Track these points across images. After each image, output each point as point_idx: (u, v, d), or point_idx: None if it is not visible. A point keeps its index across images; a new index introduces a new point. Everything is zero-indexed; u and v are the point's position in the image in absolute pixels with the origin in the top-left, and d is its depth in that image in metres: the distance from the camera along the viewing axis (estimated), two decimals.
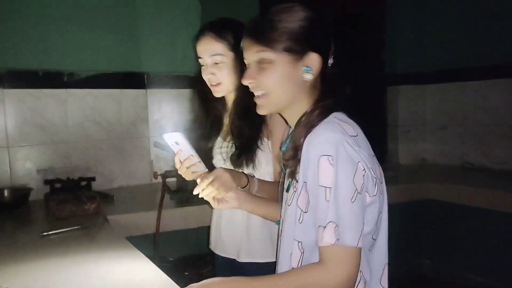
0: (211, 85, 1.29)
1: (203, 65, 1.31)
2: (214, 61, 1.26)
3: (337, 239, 0.78)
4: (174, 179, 2.09)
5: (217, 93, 1.31)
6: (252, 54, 0.90)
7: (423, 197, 2.52)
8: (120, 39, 2.40)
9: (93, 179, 2.16)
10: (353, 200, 0.80)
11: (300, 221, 0.87)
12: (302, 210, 0.87)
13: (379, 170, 0.90)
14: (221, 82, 1.27)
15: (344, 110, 0.91)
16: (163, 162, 2.50)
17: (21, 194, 1.97)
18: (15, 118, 2.13)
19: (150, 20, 2.48)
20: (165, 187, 2.01)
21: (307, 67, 0.88)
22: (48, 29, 2.20)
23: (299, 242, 0.88)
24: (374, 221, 0.87)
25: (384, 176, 0.92)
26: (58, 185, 2.03)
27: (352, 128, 0.86)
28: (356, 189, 0.80)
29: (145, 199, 2.24)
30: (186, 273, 2.10)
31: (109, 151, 2.40)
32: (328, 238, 0.79)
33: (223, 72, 1.26)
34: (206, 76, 1.29)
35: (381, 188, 0.90)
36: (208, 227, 1.57)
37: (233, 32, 1.25)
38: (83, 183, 2.10)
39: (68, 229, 1.59)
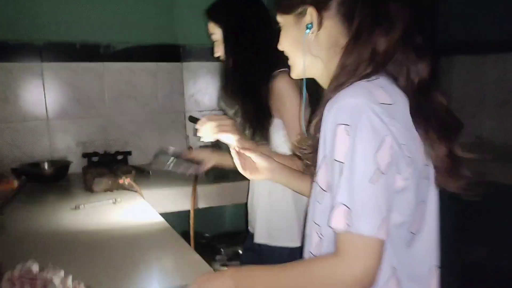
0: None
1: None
2: (214, 39, 1.39)
3: (348, 225, 0.65)
4: None
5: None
6: None
7: (481, 178, 2.30)
8: (156, 10, 2.33)
9: (129, 153, 2.15)
10: (372, 181, 0.65)
11: (319, 202, 0.76)
12: (321, 188, 0.75)
13: (421, 149, 0.74)
14: (220, 56, 1.39)
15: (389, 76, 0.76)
16: (199, 137, 2.45)
17: (61, 167, 1.99)
18: (53, 92, 2.14)
19: None
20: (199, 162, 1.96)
21: (309, 23, 0.79)
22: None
23: (318, 226, 0.76)
24: (409, 211, 0.73)
25: None
26: (95, 159, 2.03)
27: (387, 95, 0.71)
28: (379, 168, 0.65)
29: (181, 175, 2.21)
30: (222, 250, 2.07)
31: (144, 126, 2.38)
32: (336, 222, 0.66)
33: (219, 48, 1.38)
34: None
35: (426, 172, 0.75)
36: (245, 204, 1.51)
37: (221, 8, 1.37)
38: (120, 157, 2.10)
39: (101, 201, 1.58)
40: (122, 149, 2.24)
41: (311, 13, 0.79)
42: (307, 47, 0.81)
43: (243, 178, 1.10)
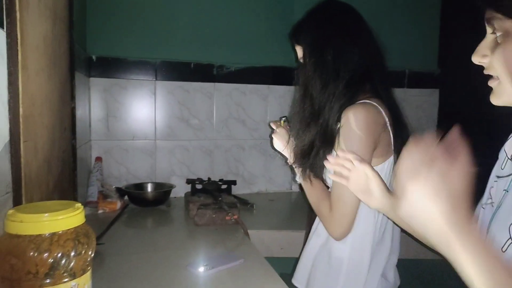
0: None
1: None
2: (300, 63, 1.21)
3: None
4: None
5: None
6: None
7: None
8: (272, 31, 2.17)
9: (234, 182, 1.96)
10: None
11: None
12: None
13: None
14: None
15: None
16: None
17: (163, 191, 1.88)
18: (163, 111, 2.07)
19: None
20: None
21: None
22: (199, 20, 2.08)
23: None
24: None
25: None
26: (199, 186, 1.88)
27: None
28: None
29: (287, 211, 1.96)
30: None
31: (251, 152, 2.20)
32: None
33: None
34: None
35: None
36: None
37: (307, 30, 1.19)
38: (224, 186, 1.92)
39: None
40: (225, 175, 2.07)
41: None
42: None
43: None
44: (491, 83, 0.65)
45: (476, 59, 0.64)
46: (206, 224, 1.55)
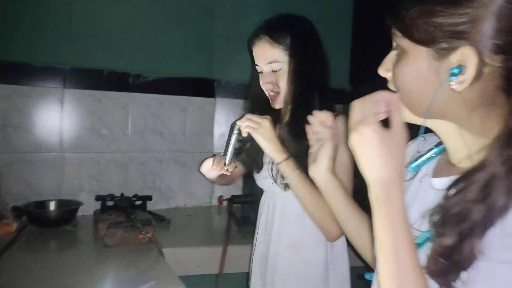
0: (269, 94, 1.15)
1: (260, 72, 1.16)
2: (272, 68, 1.12)
3: None
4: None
5: (277, 104, 1.15)
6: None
7: None
8: (193, 41, 2.13)
9: (150, 198, 1.87)
10: None
11: None
12: None
13: None
14: (280, 91, 1.13)
15: None
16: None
17: (69, 210, 1.71)
18: (72, 121, 1.91)
19: (226, 23, 2.19)
20: (232, 216, 1.67)
21: (456, 68, 0.53)
22: (115, 27, 1.97)
23: None
24: None
25: None
26: (110, 203, 1.75)
27: None
28: None
29: (205, 227, 1.91)
30: None
31: (169, 165, 2.12)
32: None
33: (282, 80, 1.12)
34: (264, 85, 1.15)
35: None
36: None
37: (291, 32, 1.11)
38: (138, 202, 1.81)
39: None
40: (140, 191, 1.96)
41: (466, 55, 0.52)
42: (442, 98, 0.56)
43: None
44: None
45: (381, 72, 0.66)
46: (117, 245, 1.44)
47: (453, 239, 0.51)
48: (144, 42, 2.03)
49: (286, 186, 1.14)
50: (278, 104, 1.16)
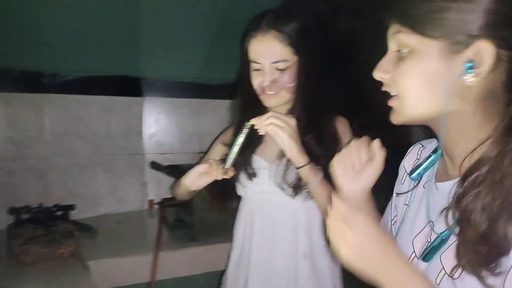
0: (265, 93, 1.03)
1: (257, 69, 1.03)
2: (277, 67, 1.01)
3: None
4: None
5: (272, 103, 1.04)
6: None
7: None
8: (115, 35, 2.00)
9: (72, 207, 1.72)
10: None
11: None
12: None
13: None
14: (282, 91, 1.02)
15: None
16: (160, 186, 2.06)
17: None
18: None
19: (153, 15, 2.07)
20: (162, 220, 1.60)
21: (470, 62, 0.53)
22: (26, 21, 1.78)
23: None
24: None
25: None
26: (26, 215, 1.59)
27: None
28: None
29: (136, 233, 1.81)
30: None
31: (94, 170, 1.98)
32: None
33: (287, 79, 1.01)
34: (264, 83, 1.02)
35: None
36: (221, 272, 1.18)
37: (302, 28, 1.01)
38: (59, 212, 1.67)
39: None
40: (63, 200, 1.81)
41: (482, 48, 0.52)
42: (456, 93, 0.55)
43: (218, 241, 0.91)
44: (391, 103, 0.63)
45: (377, 74, 0.63)
46: (35, 262, 1.31)
47: (486, 223, 0.51)
48: (61, 38, 1.85)
49: (297, 191, 1.05)
50: (274, 103, 1.05)
